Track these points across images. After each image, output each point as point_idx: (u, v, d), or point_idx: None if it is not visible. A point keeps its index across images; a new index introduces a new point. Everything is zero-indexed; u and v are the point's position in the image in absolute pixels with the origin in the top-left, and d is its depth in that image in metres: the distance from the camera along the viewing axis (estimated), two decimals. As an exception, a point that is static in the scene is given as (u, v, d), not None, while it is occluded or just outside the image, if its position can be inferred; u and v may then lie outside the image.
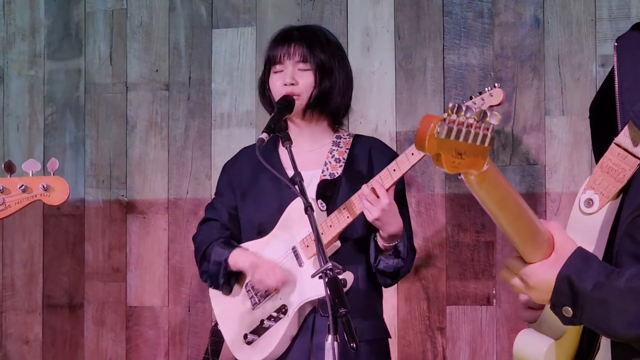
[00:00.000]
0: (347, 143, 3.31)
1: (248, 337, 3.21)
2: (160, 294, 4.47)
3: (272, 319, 3.18)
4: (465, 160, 1.56)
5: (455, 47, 4.16)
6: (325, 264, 2.60)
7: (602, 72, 3.96)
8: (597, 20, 3.98)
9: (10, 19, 4.76)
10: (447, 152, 1.54)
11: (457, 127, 1.53)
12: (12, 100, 4.72)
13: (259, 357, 3.20)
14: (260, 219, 3.28)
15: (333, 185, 3.22)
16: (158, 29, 4.56)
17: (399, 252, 3.15)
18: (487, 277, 4.06)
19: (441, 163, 1.55)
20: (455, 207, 4.10)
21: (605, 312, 1.74)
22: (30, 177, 2.93)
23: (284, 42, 3.25)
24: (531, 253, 1.79)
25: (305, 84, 3.21)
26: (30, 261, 4.65)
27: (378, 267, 3.16)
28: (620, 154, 1.84)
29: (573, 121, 3.99)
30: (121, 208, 4.55)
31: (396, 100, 4.21)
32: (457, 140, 1.53)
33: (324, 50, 3.25)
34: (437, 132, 1.52)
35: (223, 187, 3.42)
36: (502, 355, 4.04)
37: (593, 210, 1.87)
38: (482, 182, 1.63)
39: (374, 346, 3.21)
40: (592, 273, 1.76)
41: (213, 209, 3.41)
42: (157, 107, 4.53)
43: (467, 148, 1.55)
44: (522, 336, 1.91)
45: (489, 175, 1.62)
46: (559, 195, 3.99)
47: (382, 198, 3.03)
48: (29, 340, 4.64)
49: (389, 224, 3.08)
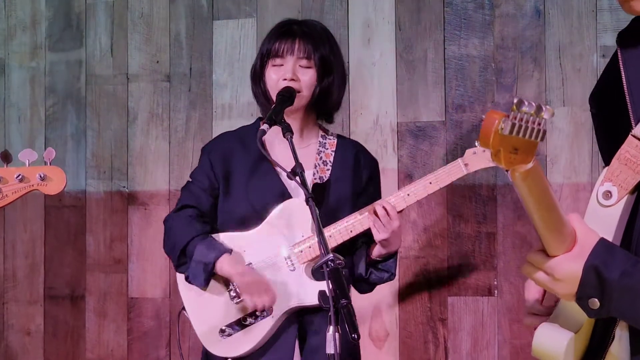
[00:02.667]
0: (332, 145, 3.29)
1: (226, 331, 3.16)
2: (162, 286, 4.48)
3: (253, 316, 3.14)
4: (519, 156, 1.56)
5: (455, 38, 4.15)
6: (326, 254, 2.60)
7: (603, 63, 3.95)
8: (598, 10, 3.98)
9: (11, 11, 4.75)
10: (506, 148, 1.54)
11: (519, 123, 1.53)
12: (14, 92, 4.73)
13: (234, 352, 3.15)
14: (243, 209, 3.20)
15: (323, 190, 3.20)
16: (159, 20, 4.56)
17: (390, 267, 3.22)
18: (488, 268, 4.06)
19: (500, 159, 1.55)
20: (456, 198, 4.10)
21: (635, 300, 1.74)
22: (27, 167, 2.93)
23: (287, 37, 3.21)
24: (556, 246, 1.78)
25: (306, 81, 3.18)
26: (31, 252, 4.66)
27: (369, 278, 3.22)
28: (638, 146, 1.84)
29: (574, 112, 3.99)
30: (122, 199, 4.55)
31: (397, 92, 4.21)
32: (516, 136, 1.53)
33: (325, 47, 3.22)
34: (502, 127, 1.52)
35: (203, 171, 3.29)
36: (504, 345, 4.04)
37: (612, 202, 1.86)
38: (527, 178, 1.63)
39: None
40: (618, 262, 1.75)
41: (191, 194, 3.28)
42: (158, 99, 4.53)
43: (522, 144, 1.55)
44: (542, 330, 1.89)
45: (533, 171, 1.62)
46: (560, 186, 3.99)
47: (394, 221, 3.08)
48: (31, 332, 4.64)
49: (393, 245, 3.14)
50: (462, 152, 3.07)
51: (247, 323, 3.15)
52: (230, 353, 3.17)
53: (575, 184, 3.97)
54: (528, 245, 4.00)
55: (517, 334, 4.02)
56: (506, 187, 4.05)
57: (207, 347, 3.21)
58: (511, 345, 4.03)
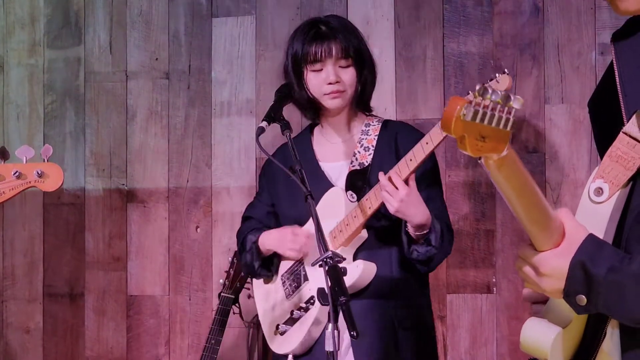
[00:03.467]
0: (376, 130, 3.27)
1: (280, 328, 3.22)
2: (161, 283, 4.48)
3: (301, 309, 3.19)
4: (488, 144, 1.55)
5: (454, 36, 4.15)
6: (325, 252, 2.60)
7: (602, 60, 3.96)
8: (597, 8, 3.98)
9: (10, 8, 4.75)
10: (472, 135, 1.54)
11: (483, 109, 1.53)
12: (12, 89, 4.72)
13: (289, 348, 3.20)
14: (295, 214, 3.27)
15: (362, 175, 3.19)
16: (158, 17, 4.56)
17: (430, 241, 3.09)
18: (487, 265, 4.06)
19: (465, 146, 1.55)
20: (455, 196, 4.10)
21: (622, 296, 1.74)
22: (24, 164, 2.94)
23: (321, 40, 3.19)
24: (543, 241, 1.78)
25: (348, 80, 3.19)
26: (30, 250, 4.65)
27: (412, 257, 3.11)
28: (629, 142, 1.84)
29: (572, 109, 3.99)
30: (121, 197, 4.55)
31: (396, 89, 4.21)
32: (481, 123, 1.53)
33: (356, 41, 3.23)
34: (464, 114, 1.52)
35: (261, 186, 3.47)
36: (502, 343, 4.05)
37: (603, 199, 1.87)
38: (501, 167, 1.62)
39: (412, 333, 3.17)
40: (605, 258, 1.75)
41: (251, 207, 3.47)
42: (157, 96, 4.53)
43: (490, 132, 1.54)
44: (530, 324, 1.90)
45: (508, 160, 1.62)
46: (559, 184, 3.99)
47: (400, 189, 2.98)
48: (30, 330, 4.64)
49: (413, 215, 3.02)
50: (461, 149, 3.07)
51: (296, 316, 3.20)
52: (286, 349, 3.21)
53: (573, 181, 3.97)
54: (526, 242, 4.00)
55: (515, 331, 4.02)
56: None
57: (270, 346, 3.28)
58: (509, 342, 4.04)
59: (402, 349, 3.13)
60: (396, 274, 3.16)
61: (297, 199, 3.21)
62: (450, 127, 1.53)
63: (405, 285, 3.19)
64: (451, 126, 1.53)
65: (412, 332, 3.16)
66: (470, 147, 1.55)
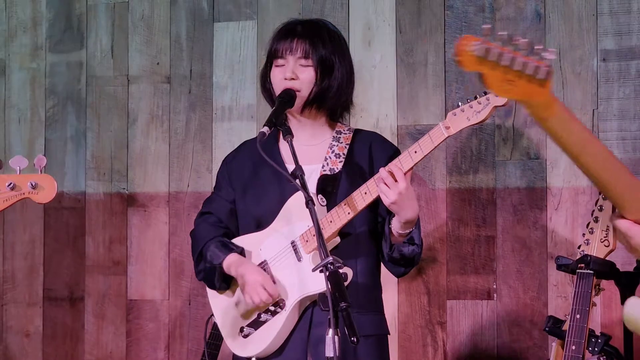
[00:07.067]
0: (348, 138, 3.29)
1: (244, 330, 3.19)
2: (161, 288, 4.48)
3: (269, 312, 3.15)
4: (517, 89, 1.57)
5: (456, 41, 4.15)
6: (326, 257, 2.60)
7: (603, 67, 3.96)
8: (598, 14, 3.98)
9: (12, 12, 4.76)
10: (492, 74, 1.57)
11: (499, 51, 1.56)
12: (14, 93, 4.73)
13: (254, 351, 3.17)
14: (259, 212, 3.25)
15: (333, 180, 3.19)
16: (159, 22, 4.56)
17: (413, 239, 3.11)
18: (487, 272, 4.06)
19: (487, 83, 1.59)
20: (456, 202, 4.10)
21: None
22: (18, 175, 2.95)
23: (287, 37, 3.24)
24: (629, 209, 1.73)
25: (305, 80, 3.20)
26: (31, 254, 4.65)
27: (393, 256, 3.12)
28: None
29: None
30: (122, 201, 4.55)
31: (397, 94, 4.21)
32: (499, 63, 1.56)
33: (325, 46, 3.23)
34: (472, 49, 1.57)
35: (222, 181, 3.40)
36: (503, 349, 4.04)
37: None
38: (550, 118, 1.63)
39: (372, 341, 3.18)
40: None
41: (210, 203, 3.39)
42: (158, 100, 4.54)
43: (517, 76, 1.56)
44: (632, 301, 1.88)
45: (555, 112, 1.62)
46: (560, 190, 3.99)
47: (400, 182, 2.97)
48: (30, 333, 4.64)
49: (406, 209, 3.01)
50: (462, 155, 3.08)
51: (263, 320, 3.17)
52: (251, 352, 3.19)
53: (575, 188, 3.97)
54: (527, 248, 4.01)
55: (516, 338, 4.02)
56: (505, 191, 4.05)
57: (232, 349, 3.26)
58: (510, 348, 4.03)
59: (361, 356, 3.13)
60: (361, 280, 3.17)
61: (265, 198, 3.24)
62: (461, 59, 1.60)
63: (366, 292, 3.20)
64: (461, 58, 1.60)
65: (369, 340, 3.15)
66: (494, 85, 1.60)
